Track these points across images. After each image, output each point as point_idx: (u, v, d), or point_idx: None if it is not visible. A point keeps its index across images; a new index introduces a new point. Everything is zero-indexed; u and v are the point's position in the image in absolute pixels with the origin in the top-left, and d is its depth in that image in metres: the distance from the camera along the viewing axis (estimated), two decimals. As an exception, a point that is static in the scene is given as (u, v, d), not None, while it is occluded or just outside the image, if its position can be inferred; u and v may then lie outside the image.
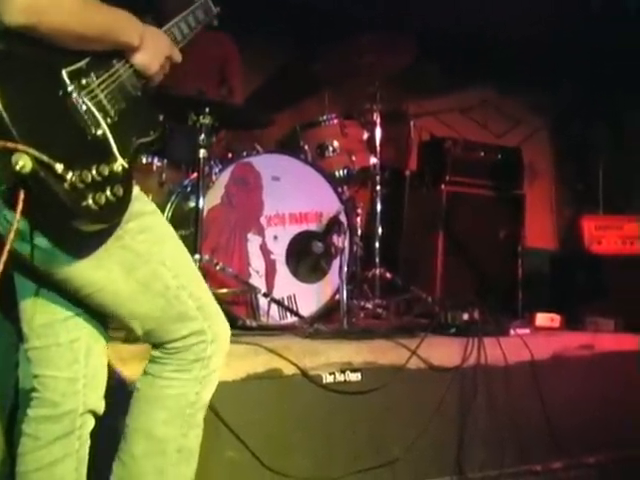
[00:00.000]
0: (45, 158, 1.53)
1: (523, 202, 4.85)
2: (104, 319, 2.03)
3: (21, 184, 1.53)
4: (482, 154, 4.78)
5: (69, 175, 1.57)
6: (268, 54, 5.29)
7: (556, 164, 6.38)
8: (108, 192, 1.66)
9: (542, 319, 4.07)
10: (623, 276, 4.38)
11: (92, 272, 1.79)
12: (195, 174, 3.49)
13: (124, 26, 1.83)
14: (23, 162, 1.50)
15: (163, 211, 3.65)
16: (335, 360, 2.90)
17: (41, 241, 1.69)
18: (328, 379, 2.86)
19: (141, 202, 1.88)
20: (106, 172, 1.66)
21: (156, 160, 3.74)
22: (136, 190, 1.84)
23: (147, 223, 1.88)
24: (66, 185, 1.57)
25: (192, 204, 3.47)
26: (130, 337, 2.48)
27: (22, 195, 1.53)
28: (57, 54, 1.68)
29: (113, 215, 1.72)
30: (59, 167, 1.55)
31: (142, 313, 1.88)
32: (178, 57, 2.04)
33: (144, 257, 1.84)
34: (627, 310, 4.07)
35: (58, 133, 1.62)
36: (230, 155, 3.69)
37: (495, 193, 4.76)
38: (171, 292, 1.88)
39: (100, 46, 1.78)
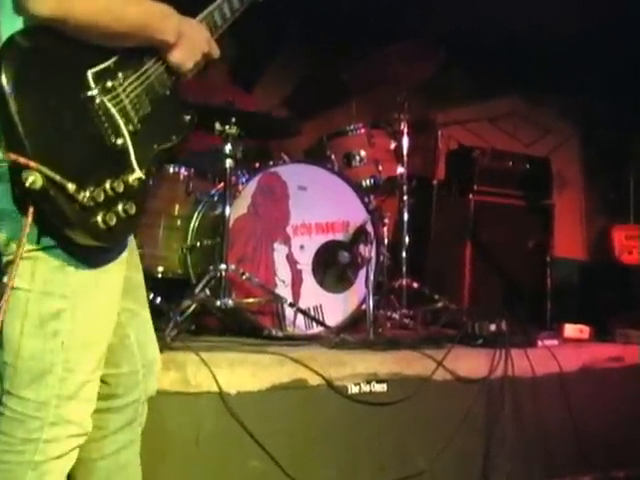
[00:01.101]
0: (57, 177, 1.47)
1: (552, 212, 4.80)
2: (144, 310, 2.00)
3: (30, 197, 1.49)
4: (510, 164, 4.75)
5: (80, 195, 1.51)
6: (296, 63, 5.31)
7: (586, 173, 6.32)
8: (120, 208, 1.60)
9: (571, 330, 4.02)
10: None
11: (26, 265, 1.61)
12: (222, 184, 3.51)
13: (160, 22, 1.72)
14: (34, 178, 1.45)
15: (190, 220, 3.67)
16: (361, 371, 2.89)
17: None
18: (353, 390, 2.86)
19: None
20: (121, 189, 1.60)
21: (183, 169, 3.76)
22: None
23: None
24: (76, 205, 1.51)
25: (219, 213, 3.47)
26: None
27: (31, 209, 1.50)
28: (84, 52, 1.60)
29: (119, 236, 1.67)
30: (71, 187, 1.49)
31: (15, 341, 1.65)
32: (216, 52, 1.92)
33: (67, 290, 1.65)
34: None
35: (74, 144, 1.55)
36: (257, 165, 3.70)
37: (523, 203, 4.72)
38: (53, 343, 1.65)
39: (132, 43, 1.70)
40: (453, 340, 3.29)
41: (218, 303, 3.25)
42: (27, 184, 1.45)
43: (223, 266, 3.29)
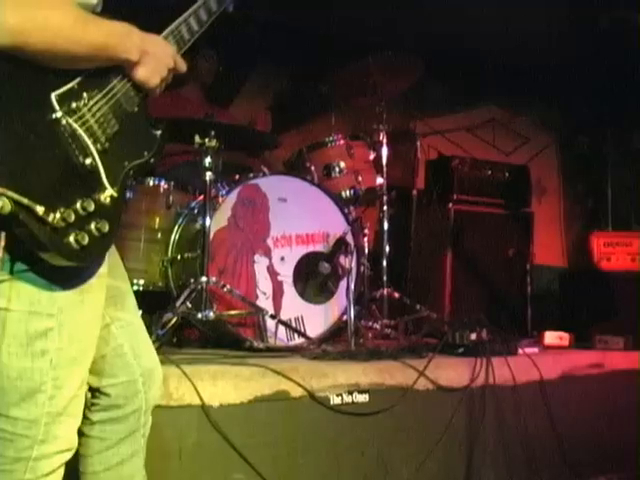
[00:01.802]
0: (25, 201, 1.47)
1: (531, 220, 4.84)
2: (136, 318, 1.99)
3: (1, 222, 1.48)
4: (489, 172, 4.79)
5: (50, 217, 1.51)
6: (275, 76, 5.32)
7: (565, 181, 6.38)
8: (93, 226, 1.60)
9: (551, 338, 4.06)
10: (633, 293, 4.36)
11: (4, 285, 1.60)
12: (202, 196, 3.51)
13: (120, 41, 1.70)
14: (1, 203, 1.43)
15: (171, 233, 3.66)
16: (342, 381, 2.89)
17: None
18: (335, 400, 2.85)
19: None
20: (91, 208, 1.59)
21: (163, 182, 3.75)
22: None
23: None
24: (47, 227, 1.51)
25: (199, 226, 3.47)
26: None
27: (3, 236, 1.50)
28: (47, 75, 1.58)
29: (92, 255, 1.66)
30: (40, 210, 1.49)
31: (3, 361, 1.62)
32: (182, 67, 1.89)
33: (54, 309, 1.65)
34: (637, 328, 4.05)
35: (42, 167, 1.54)
36: (237, 177, 3.70)
37: (503, 211, 4.76)
38: (42, 361, 1.64)
39: (94, 64, 1.68)
40: (434, 349, 3.30)
41: (199, 316, 3.24)
42: None
43: (204, 279, 3.29)
